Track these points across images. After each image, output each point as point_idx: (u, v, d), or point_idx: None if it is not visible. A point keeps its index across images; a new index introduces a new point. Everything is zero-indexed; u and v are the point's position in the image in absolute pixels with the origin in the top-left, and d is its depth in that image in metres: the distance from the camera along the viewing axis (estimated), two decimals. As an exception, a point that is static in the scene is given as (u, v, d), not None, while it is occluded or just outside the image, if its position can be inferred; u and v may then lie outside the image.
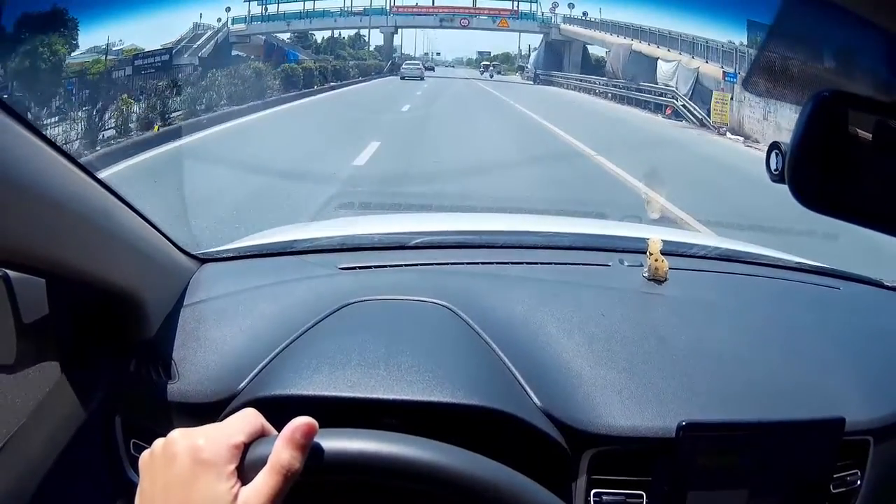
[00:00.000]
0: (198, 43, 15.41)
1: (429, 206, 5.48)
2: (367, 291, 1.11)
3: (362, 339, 1.00)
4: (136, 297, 0.99)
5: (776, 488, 0.97)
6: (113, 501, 1.04)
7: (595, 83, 19.10)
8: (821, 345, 1.15)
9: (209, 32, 16.16)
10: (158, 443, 0.60)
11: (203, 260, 1.21)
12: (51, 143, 0.77)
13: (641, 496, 0.94)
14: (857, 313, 1.34)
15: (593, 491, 0.94)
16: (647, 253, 1.23)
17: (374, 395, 0.91)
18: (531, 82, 22.29)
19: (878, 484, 1.04)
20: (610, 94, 17.86)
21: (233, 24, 17.63)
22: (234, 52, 17.09)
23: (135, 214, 0.97)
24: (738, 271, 1.39)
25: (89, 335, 1.03)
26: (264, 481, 0.56)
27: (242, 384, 0.97)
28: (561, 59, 21.57)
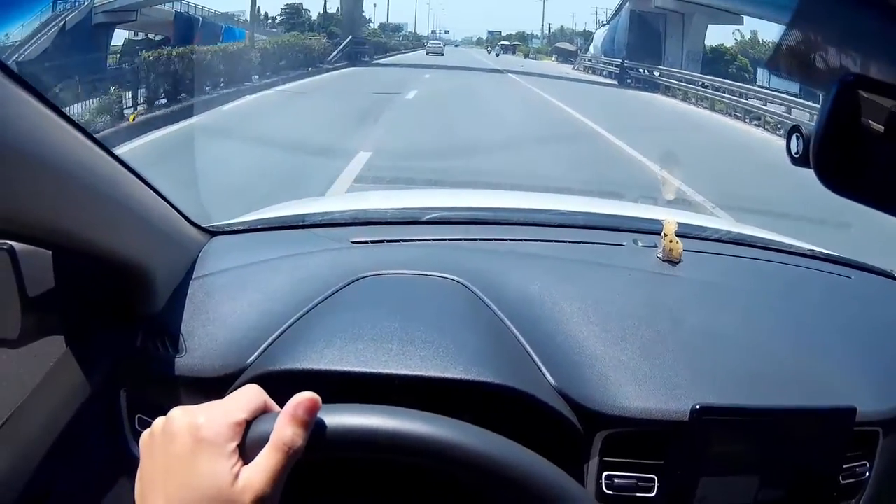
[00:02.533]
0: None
1: (442, 182, 5.47)
2: (379, 266, 1.09)
3: (375, 314, 0.99)
4: (144, 269, 0.97)
5: (787, 476, 0.96)
6: (116, 477, 1.03)
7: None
8: (832, 333, 1.15)
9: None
10: (159, 421, 0.58)
11: (213, 233, 1.20)
12: (57, 111, 0.74)
13: (653, 480, 0.93)
14: (869, 303, 1.33)
15: (605, 473, 0.93)
16: (662, 234, 1.22)
17: (387, 371, 0.90)
18: (591, 76, 19.24)
19: (886, 476, 1.04)
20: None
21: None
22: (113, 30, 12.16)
23: (144, 185, 0.95)
24: (751, 256, 1.38)
25: (95, 309, 1.01)
26: (266, 459, 0.55)
27: (252, 358, 0.96)
28: (659, 42, 16.29)
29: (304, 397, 0.57)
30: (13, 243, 0.88)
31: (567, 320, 1.03)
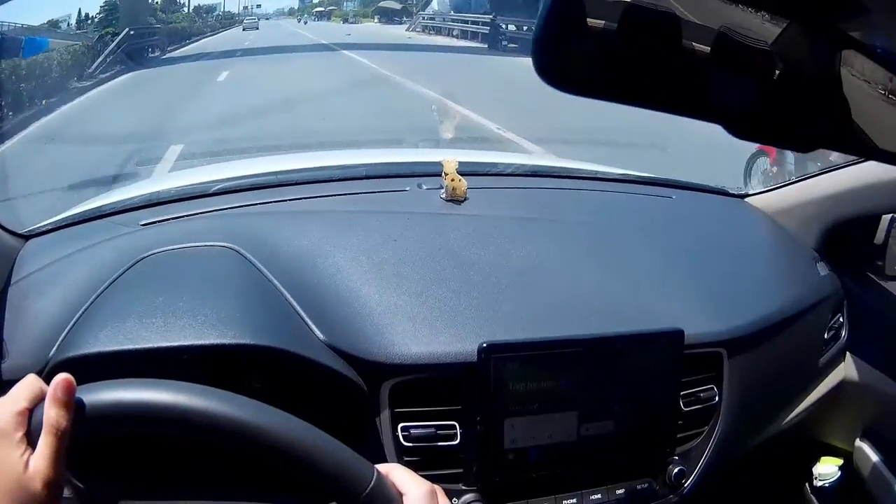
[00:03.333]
0: None
1: (245, 151, 5.28)
2: (164, 243, 1.06)
3: (144, 291, 0.97)
4: None
5: (609, 409, 0.94)
6: None
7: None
8: (653, 256, 1.12)
9: None
10: None
11: (27, 237, 1.16)
12: None
13: (454, 427, 0.91)
14: (694, 222, 1.32)
15: (400, 425, 0.90)
16: (443, 174, 1.18)
17: (147, 345, 0.88)
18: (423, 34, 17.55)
19: (738, 398, 1.04)
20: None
21: None
22: None
23: None
24: (550, 186, 1.35)
25: None
26: (44, 443, 0.58)
27: (52, 351, 0.93)
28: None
29: (59, 379, 0.59)
30: None
31: (340, 273, 0.99)
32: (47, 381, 0.61)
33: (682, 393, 0.99)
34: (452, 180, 1.17)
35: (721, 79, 0.48)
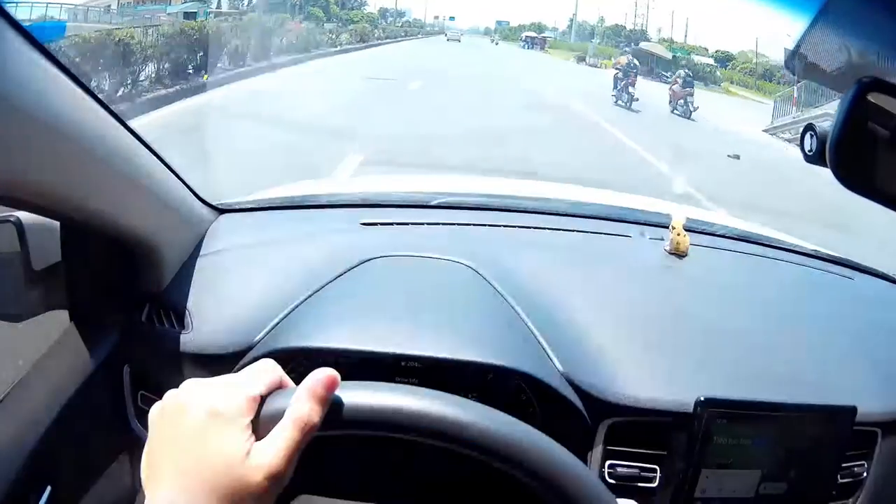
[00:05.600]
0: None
1: (453, 168, 5.43)
2: (388, 248, 1.10)
3: (386, 295, 1.00)
4: (152, 244, 0.97)
5: (786, 472, 0.97)
6: (117, 452, 1.04)
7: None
8: (834, 333, 1.15)
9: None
10: (170, 394, 0.57)
11: (221, 210, 1.19)
12: (78, 82, 0.73)
13: (655, 470, 0.94)
14: (871, 306, 1.33)
15: (608, 462, 0.94)
16: (670, 227, 1.23)
17: (399, 351, 0.90)
18: None
19: (883, 477, 1.04)
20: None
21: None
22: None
23: (157, 160, 0.95)
24: (756, 253, 1.39)
25: (101, 283, 1.01)
26: (280, 435, 0.53)
27: (259, 336, 0.96)
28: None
29: (323, 373, 0.55)
30: (20, 215, 0.88)
31: (574, 308, 1.03)
32: (248, 364, 0.61)
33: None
34: (679, 235, 1.22)
35: None
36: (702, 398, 0.91)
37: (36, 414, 0.94)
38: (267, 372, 0.57)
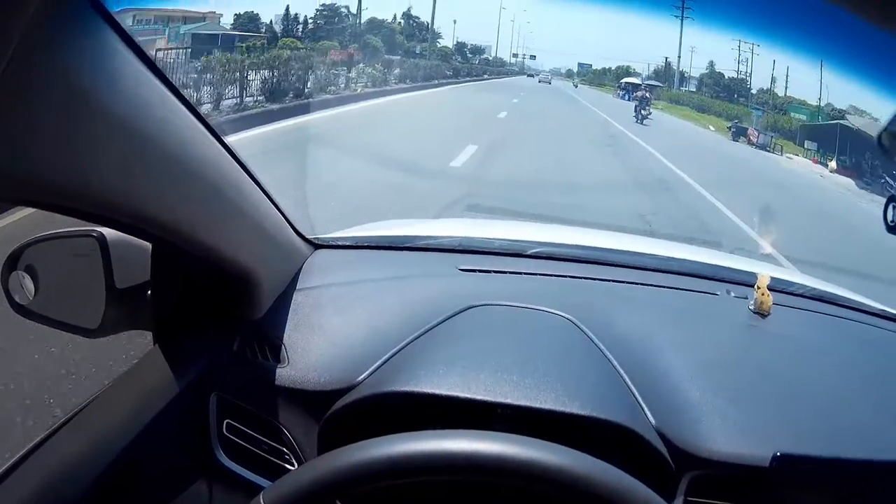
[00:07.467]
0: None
1: (545, 217, 5.37)
2: (488, 296, 1.12)
3: (493, 344, 1.01)
4: (250, 274, 0.96)
5: None
6: (195, 478, 1.01)
7: None
8: None
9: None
10: None
11: (317, 245, 1.20)
12: (191, 107, 0.74)
13: None
14: None
15: None
16: (756, 286, 1.27)
17: (508, 401, 0.91)
18: None
19: None
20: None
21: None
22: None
23: (259, 190, 0.95)
24: (833, 313, 1.40)
25: (191, 308, 1.01)
26: None
27: (362, 376, 0.95)
28: None
29: None
30: (104, 230, 0.86)
31: (667, 364, 1.06)
32: (356, 405, 0.67)
33: None
34: (763, 294, 1.25)
35: None
36: (778, 453, 0.93)
37: (113, 432, 0.92)
38: None
